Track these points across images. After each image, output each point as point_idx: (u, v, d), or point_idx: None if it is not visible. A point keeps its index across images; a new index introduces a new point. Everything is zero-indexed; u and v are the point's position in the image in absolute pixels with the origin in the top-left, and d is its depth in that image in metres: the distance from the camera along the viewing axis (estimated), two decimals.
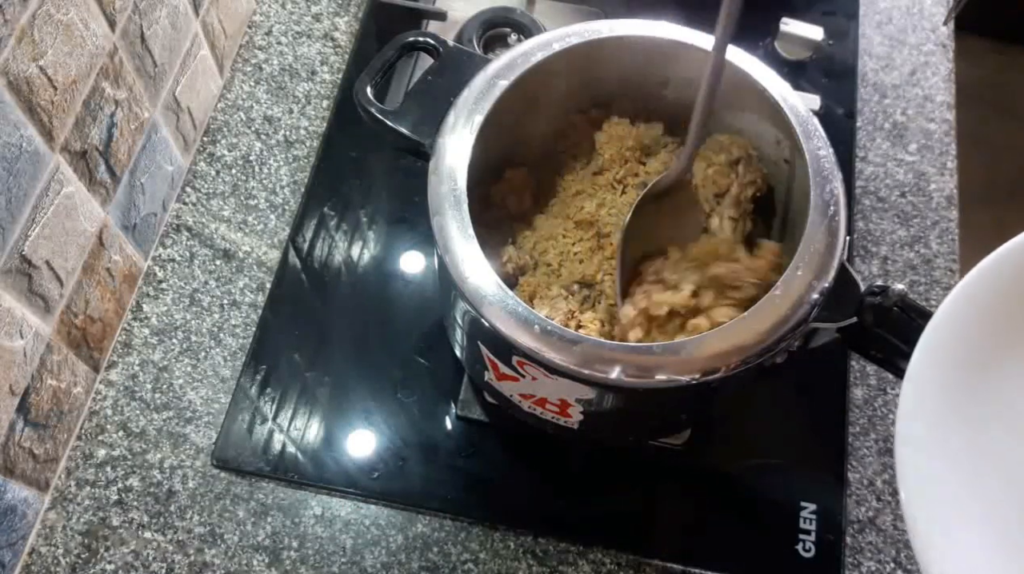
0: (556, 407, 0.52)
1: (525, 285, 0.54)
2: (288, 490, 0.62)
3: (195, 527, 0.60)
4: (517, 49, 0.52)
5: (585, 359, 0.44)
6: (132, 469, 0.62)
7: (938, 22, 0.83)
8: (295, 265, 0.69)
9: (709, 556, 0.60)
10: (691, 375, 0.44)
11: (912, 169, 0.76)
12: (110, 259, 0.63)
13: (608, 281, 0.52)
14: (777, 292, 0.45)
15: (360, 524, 0.61)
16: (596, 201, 0.56)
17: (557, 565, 0.60)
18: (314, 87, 0.77)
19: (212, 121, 0.75)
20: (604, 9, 0.81)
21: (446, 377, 0.65)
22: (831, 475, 0.63)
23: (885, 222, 0.74)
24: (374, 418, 0.64)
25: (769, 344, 0.44)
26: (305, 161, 0.74)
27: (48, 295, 0.56)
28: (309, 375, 0.65)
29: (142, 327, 0.66)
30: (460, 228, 0.46)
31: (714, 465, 0.63)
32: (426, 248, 0.70)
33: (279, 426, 0.63)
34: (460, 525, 0.61)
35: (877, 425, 0.65)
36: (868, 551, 0.61)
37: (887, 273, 0.71)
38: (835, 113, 0.77)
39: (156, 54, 0.64)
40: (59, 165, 0.55)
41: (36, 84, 0.51)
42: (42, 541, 0.59)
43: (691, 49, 0.53)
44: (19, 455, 0.56)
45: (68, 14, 0.53)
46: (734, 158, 0.55)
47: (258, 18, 0.80)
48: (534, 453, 0.63)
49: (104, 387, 0.64)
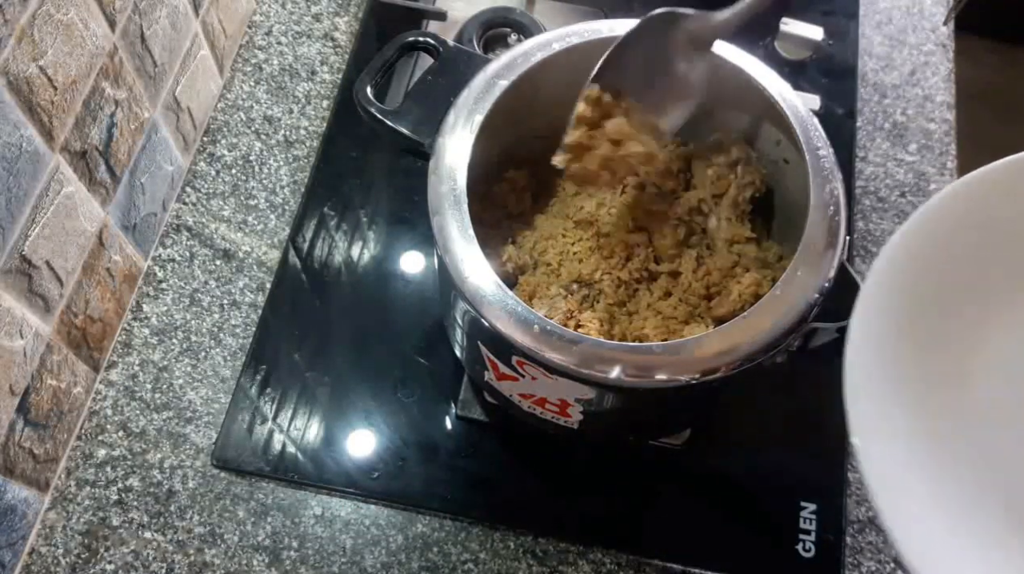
0: (556, 407, 0.52)
1: (525, 285, 0.54)
2: (288, 490, 0.62)
3: (195, 527, 0.60)
4: (517, 49, 0.52)
5: (585, 359, 0.44)
6: (132, 469, 0.62)
7: (938, 22, 0.83)
8: (295, 265, 0.69)
9: (709, 556, 0.60)
10: (691, 375, 0.44)
11: (912, 169, 0.76)
12: (110, 259, 0.63)
13: (607, 280, 0.53)
14: (777, 292, 0.45)
15: (360, 524, 0.61)
16: (596, 200, 0.56)
17: (557, 565, 0.60)
18: (314, 87, 0.77)
19: (212, 121, 0.75)
20: (604, 9, 0.81)
21: (446, 377, 0.65)
22: (831, 475, 0.63)
23: (885, 222, 0.74)
24: (374, 418, 0.64)
25: (769, 344, 0.44)
26: (305, 161, 0.74)
27: (48, 295, 0.56)
28: (309, 375, 0.65)
29: (142, 327, 0.66)
30: (460, 228, 0.46)
31: (714, 465, 0.63)
32: (426, 248, 0.70)
33: (279, 426, 0.63)
34: (460, 525, 0.61)
35: None
36: (868, 551, 0.61)
37: None
38: (835, 113, 0.77)
39: (156, 54, 0.64)
40: (59, 165, 0.55)
41: (36, 84, 0.51)
42: (42, 541, 0.59)
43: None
44: (19, 455, 0.56)
45: (68, 14, 0.53)
46: (733, 159, 0.55)
47: (258, 18, 0.80)
48: (534, 453, 0.63)
49: (104, 387, 0.64)
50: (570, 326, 0.50)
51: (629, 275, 0.53)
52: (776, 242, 0.55)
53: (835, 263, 0.46)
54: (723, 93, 0.53)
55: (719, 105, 0.56)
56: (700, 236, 0.55)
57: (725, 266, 0.52)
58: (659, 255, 0.54)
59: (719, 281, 0.52)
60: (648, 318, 0.51)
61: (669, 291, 0.53)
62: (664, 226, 0.53)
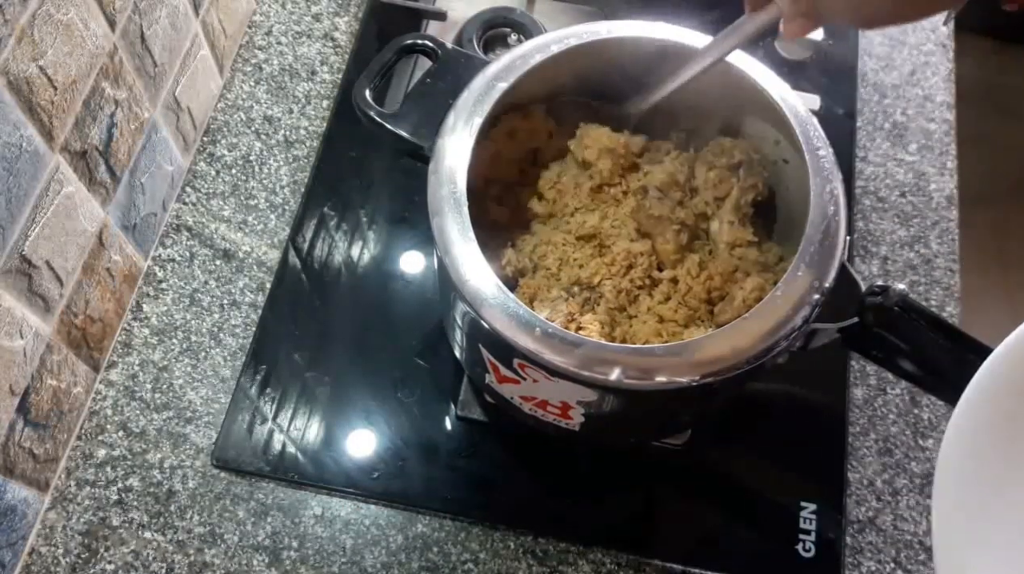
0: (557, 409, 0.52)
1: (525, 287, 0.54)
2: (288, 490, 0.62)
3: (195, 527, 0.60)
4: (516, 51, 0.52)
5: (586, 361, 0.44)
6: (132, 469, 0.62)
7: (938, 22, 0.83)
8: (295, 265, 0.69)
9: (709, 556, 0.60)
10: (692, 376, 0.44)
11: (912, 169, 0.76)
12: (110, 259, 0.63)
13: (608, 285, 0.52)
14: (778, 293, 0.45)
15: (360, 524, 0.61)
16: (598, 214, 0.55)
17: (557, 565, 0.60)
18: (314, 87, 0.77)
19: (212, 121, 0.75)
20: (604, 9, 0.81)
21: (446, 377, 0.65)
22: (831, 475, 0.63)
23: (885, 222, 0.74)
24: (374, 418, 0.64)
25: (770, 345, 0.44)
26: (305, 161, 0.74)
27: (48, 295, 0.56)
28: (309, 375, 0.65)
29: (142, 327, 0.66)
30: (460, 230, 0.46)
31: (714, 465, 0.63)
32: (426, 248, 0.70)
33: (279, 426, 0.63)
34: (460, 525, 0.61)
35: (877, 425, 0.65)
36: (868, 551, 0.61)
37: (887, 273, 0.71)
38: (835, 113, 0.77)
39: (156, 54, 0.64)
40: (59, 165, 0.55)
41: (36, 84, 0.51)
42: (42, 541, 0.59)
43: (690, 50, 0.53)
44: (19, 455, 0.56)
45: (68, 14, 0.53)
46: (735, 162, 0.55)
47: (258, 18, 0.80)
48: (534, 453, 0.63)
49: (104, 387, 0.64)
50: (571, 329, 0.50)
51: (631, 283, 0.53)
52: (776, 243, 0.55)
53: (835, 263, 0.46)
54: (723, 94, 0.53)
55: (719, 106, 0.56)
56: (703, 240, 0.55)
57: (726, 270, 0.52)
58: (662, 260, 0.54)
59: (720, 285, 0.52)
60: (648, 321, 0.51)
61: (670, 295, 0.53)
62: (667, 231, 0.53)
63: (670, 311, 0.52)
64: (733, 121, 0.56)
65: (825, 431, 0.65)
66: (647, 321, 0.51)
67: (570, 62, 0.53)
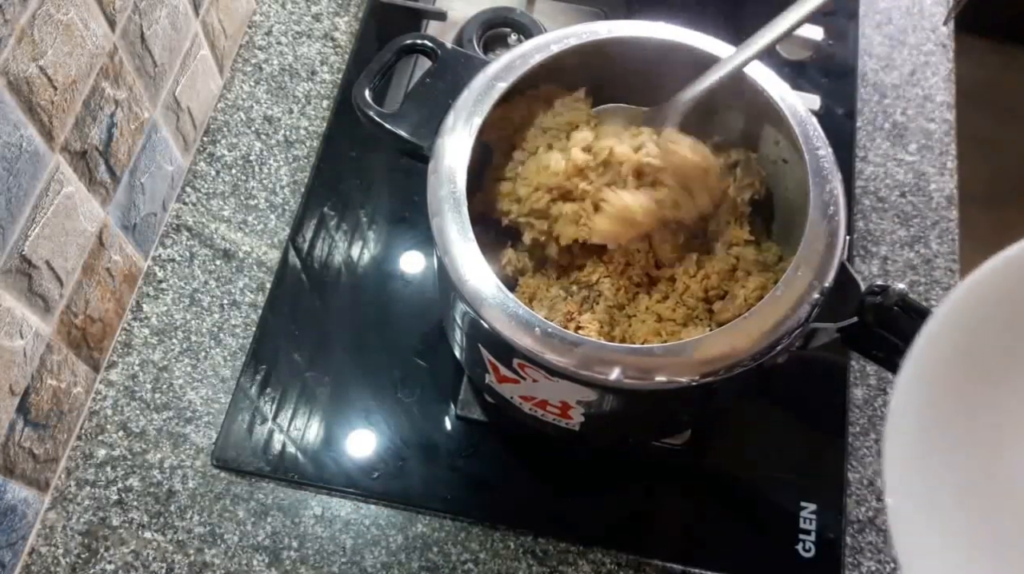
0: (557, 409, 0.52)
1: (524, 287, 0.54)
2: (288, 490, 0.62)
3: (195, 527, 0.60)
4: (516, 51, 0.52)
5: (586, 361, 0.44)
6: (132, 469, 0.62)
7: (938, 22, 0.83)
8: (295, 265, 0.69)
9: (709, 556, 0.60)
10: (692, 376, 0.44)
11: (912, 169, 0.76)
12: (110, 259, 0.63)
13: (606, 283, 0.52)
14: (778, 293, 0.45)
15: (360, 524, 0.61)
16: None
17: (557, 565, 0.60)
18: (314, 87, 0.77)
19: (212, 121, 0.75)
20: (604, 9, 0.81)
21: (446, 377, 0.65)
22: (831, 475, 0.63)
23: (885, 222, 0.74)
24: (374, 418, 0.64)
25: (769, 344, 0.44)
26: (305, 161, 0.74)
27: (48, 295, 0.56)
28: (309, 375, 0.65)
29: (142, 327, 0.66)
30: (460, 230, 0.46)
31: (714, 465, 0.63)
32: (426, 248, 0.70)
33: (279, 426, 0.63)
34: (460, 525, 0.61)
35: (877, 425, 0.65)
36: (868, 551, 0.61)
37: (887, 273, 0.71)
38: (835, 113, 0.77)
39: (156, 54, 0.64)
40: (59, 165, 0.55)
41: (36, 84, 0.51)
42: (42, 541, 0.59)
43: (690, 50, 0.53)
44: (19, 455, 0.56)
45: (68, 14, 0.53)
46: (732, 161, 0.55)
47: (258, 18, 0.80)
48: (534, 453, 0.63)
49: (104, 387, 0.64)
50: (570, 328, 0.50)
51: (629, 281, 0.53)
52: (776, 242, 0.55)
53: (835, 263, 0.46)
54: (722, 94, 0.53)
55: (718, 106, 0.56)
56: (701, 240, 0.55)
57: (724, 269, 0.52)
58: (659, 259, 0.54)
59: (717, 284, 0.52)
60: (647, 320, 0.51)
61: (668, 294, 0.53)
62: (665, 230, 0.53)
63: (668, 310, 0.52)
64: (732, 121, 0.56)
65: (825, 431, 0.65)
66: (646, 320, 0.51)
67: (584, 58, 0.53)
